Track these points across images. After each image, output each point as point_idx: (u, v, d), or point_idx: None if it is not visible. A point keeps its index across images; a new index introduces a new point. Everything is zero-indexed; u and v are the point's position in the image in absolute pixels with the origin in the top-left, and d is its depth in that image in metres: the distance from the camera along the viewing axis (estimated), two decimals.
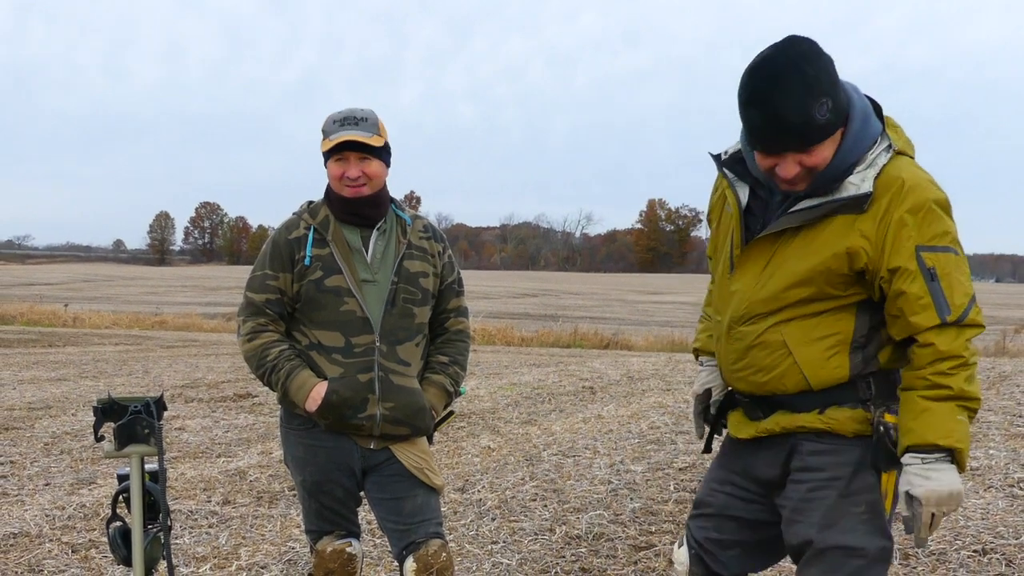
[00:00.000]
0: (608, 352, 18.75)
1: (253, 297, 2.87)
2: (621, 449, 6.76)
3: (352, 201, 2.84)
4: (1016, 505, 4.84)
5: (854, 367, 2.23)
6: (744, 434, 2.42)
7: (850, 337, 2.22)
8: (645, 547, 4.45)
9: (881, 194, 2.12)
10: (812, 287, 2.20)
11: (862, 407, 2.24)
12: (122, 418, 2.58)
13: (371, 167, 2.81)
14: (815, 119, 2.06)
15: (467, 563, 4.26)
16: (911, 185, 2.12)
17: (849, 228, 2.15)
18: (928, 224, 2.11)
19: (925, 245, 2.10)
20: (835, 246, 2.16)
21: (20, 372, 11.99)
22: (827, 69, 2.09)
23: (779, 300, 2.24)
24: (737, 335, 2.32)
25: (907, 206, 2.10)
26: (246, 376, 11.03)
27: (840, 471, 2.24)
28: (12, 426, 7.84)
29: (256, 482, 5.86)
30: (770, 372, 2.27)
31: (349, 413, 2.79)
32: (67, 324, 25.47)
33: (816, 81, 2.06)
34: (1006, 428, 7.06)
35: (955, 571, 3.90)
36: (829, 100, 2.07)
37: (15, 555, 4.42)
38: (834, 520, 2.22)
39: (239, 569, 4.21)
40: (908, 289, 2.10)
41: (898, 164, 2.16)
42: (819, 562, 2.24)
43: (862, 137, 2.16)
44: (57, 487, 5.79)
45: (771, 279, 2.25)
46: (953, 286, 2.10)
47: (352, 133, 2.76)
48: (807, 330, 2.23)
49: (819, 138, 2.09)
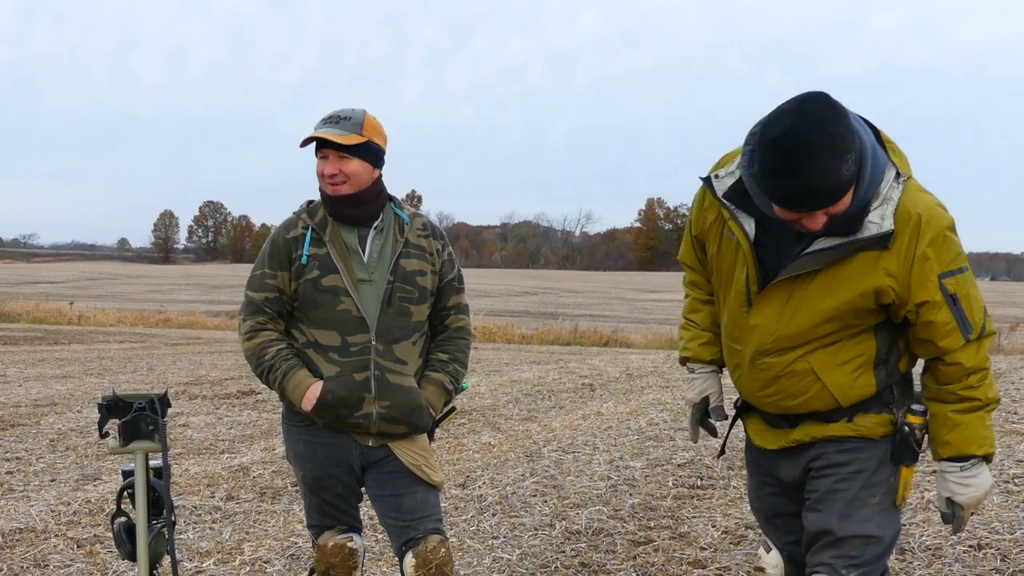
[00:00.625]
0: (607, 350, 18.77)
1: (253, 296, 2.88)
2: (620, 445, 6.76)
3: (333, 199, 2.84)
4: (1011, 501, 4.85)
5: (880, 381, 2.32)
6: (772, 445, 2.48)
7: (873, 356, 2.31)
8: (644, 542, 4.45)
9: (901, 230, 2.15)
10: (839, 323, 2.26)
11: (887, 411, 2.34)
12: (127, 415, 2.58)
13: (349, 166, 2.79)
14: (843, 177, 2.03)
15: (468, 558, 4.26)
16: (927, 219, 2.16)
17: (873, 266, 2.18)
18: (945, 251, 2.18)
19: (945, 272, 2.18)
20: (861, 285, 2.20)
21: (26, 369, 12.00)
22: (846, 124, 2.05)
23: (807, 335, 2.29)
24: (763, 366, 2.36)
25: (927, 240, 2.15)
26: (249, 373, 11.03)
27: (866, 464, 2.33)
28: (18, 423, 7.85)
29: (259, 478, 5.87)
30: (799, 397, 2.34)
31: (345, 412, 2.79)
32: (72, 322, 25.49)
33: (841, 140, 2.02)
34: (1001, 425, 7.06)
35: (951, 566, 3.91)
36: (852, 154, 2.05)
37: (21, 550, 4.43)
38: (853, 511, 2.32)
39: (242, 564, 4.22)
40: (936, 319, 2.19)
41: (911, 196, 2.19)
42: (836, 548, 2.33)
43: (875, 174, 2.16)
44: (62, 483, 5.80)
45: (795, 316, 2.28)
46: (971, 305, 2.20)
47: (325, 131, 2.76)
48: (832, 355, 2.29)
49: (847, 191, 2.08)
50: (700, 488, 5.50)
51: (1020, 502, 4.80)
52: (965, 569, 3.86)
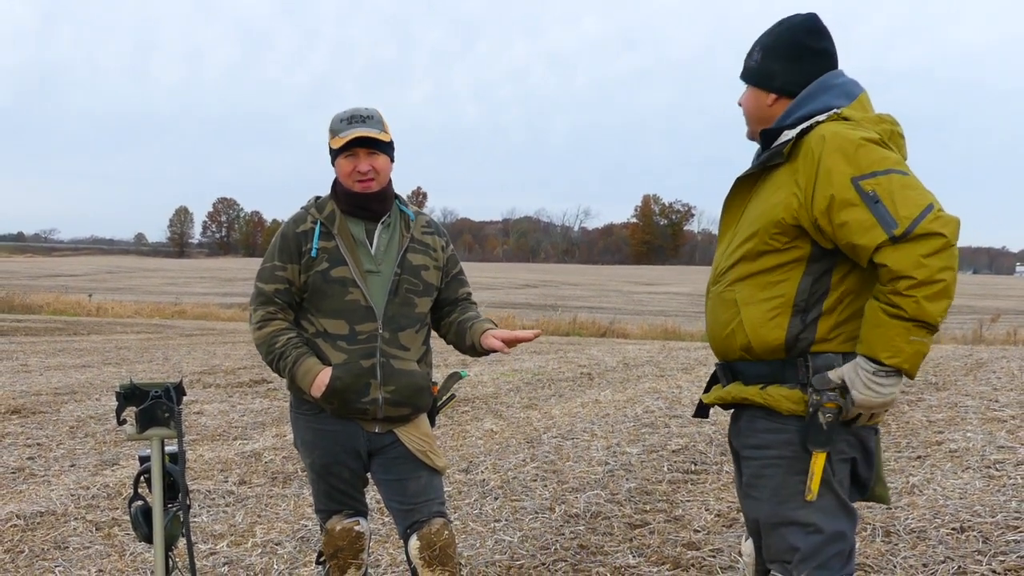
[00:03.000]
0: (605, 340, 18.75)
1: (263, 287, 2.88)
2: (617, 432, 6.76)
3: (361, 196, 2.83)
4: (992, 485, 4.85)
5: (790, 333, 2.18)
6: (708, 399, 2.45)
7: (792, 300, 2.18)
8: (640, 525, 4.45)
9: (812, 146, 2.12)
10: (757, 240, 2.21)
11: (800, 388, 2.18)
12: (143, 403, 2.58)
13: (378, 161, 2.82)
14: (761, 61, 2.32)
15: (471, 540, 4.26)
16: (831, 134, 2.12)
17: (787, 180, 2.18)
18: (861, 157, 2.06)
19: (862, 175, 2.05)
20: (774, 197, 2.19)
21: (46, 359, 12.00)
22: (776, 31, 2.33)
23: (734, 255, 2.28)
24: (710, 296, 2.38)
25: (832, 148, 2.09)
26: (261, 363, 11.03)
27: (785, 450, 2.21)
28: (39, 410, 7.85)
29: (271, 463, 5.87)
30: (724, 328, 2.29)
31: (353, 398, 2.80)
32: (91, 313, 25.50)
33: (780, 41, 2.31)
34: (983, 412, 7.06)
35: (935, 548, 3.90)
36: (759, 52, 2.33)
37: (42, 533, 4.43)
38: (784, 497, 2.22)
39: (254, 546, 4.22)
40: (849, 218, 2.04)
41: (830, 123, 2.17)
42: (775, 538, 2.24)
43: (807, 102, 2.25)
44: (82, 468, 5.80)
45: (735, 237, 2.31)
46: (898, 202, 2.00)
47: (363, 130, 2.76)
48: (755, 289, 2.23)
49: (761, 81, 2.33)
50: (694, 473, 5.50)
51: (1001, 486, 4.80)
52: (948, 551, 3.86)
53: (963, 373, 9.65)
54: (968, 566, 3.67)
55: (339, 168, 2.83)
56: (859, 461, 2.26)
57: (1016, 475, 5.01)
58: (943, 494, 4.71)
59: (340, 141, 2.77)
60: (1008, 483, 4.86)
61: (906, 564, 3.74)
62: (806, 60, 2.28)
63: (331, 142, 2.82)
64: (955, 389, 8.41)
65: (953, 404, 7.51)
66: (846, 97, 2.25)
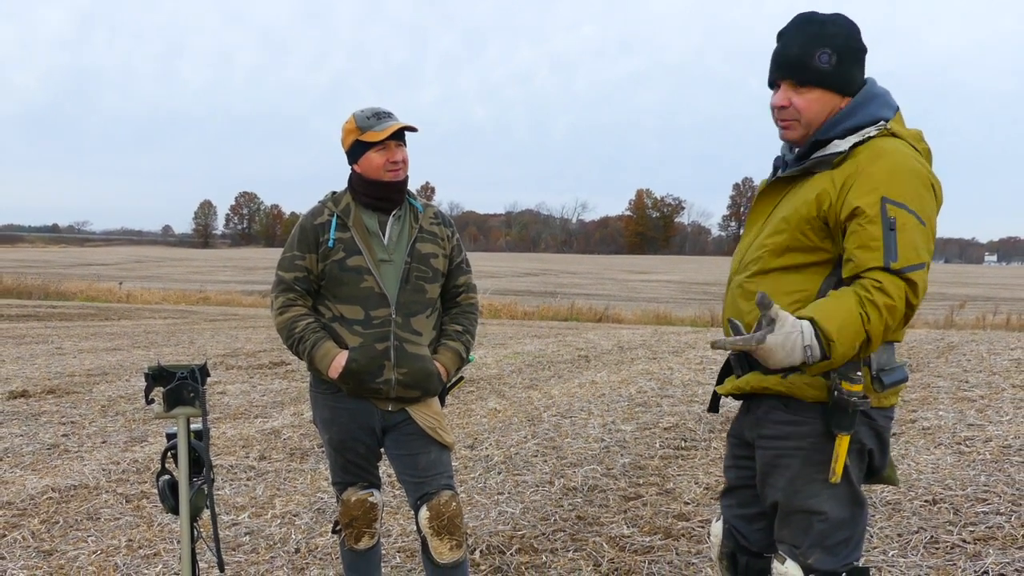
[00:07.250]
0: (601, 325, 18.75)
1: (283, 275, 2.87)
2: (612, 411, 6.76)
3: (389, 185, 2.83)
4: (963, 460, 4.84)
5: None
6: (723, 390, 2.30)
7: (814, 297, 2.05)
8: (634, 497, 4.45)
9: (861, 156, 2.00)
10: (786, 235, 2.09)
11: (821, 375, 2.03)
12: (170, 383, 2.57)
13: (405, 153, 2.85)
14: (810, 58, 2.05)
15: (476, 512, 4.27)
16: (891, 150, 1.99)
17: (826, 179, 2.05)
18: (901, 184, 1.95)
19: (892, 199, 1.93)
20: (810, 194, 2.06)
21: (80, 343, 12.02)
22: (845, 32, 2.07)
23: (762, 247, 2.15)
24: (733, 285, 2.24)
25: (880, 164, 1.97)
26: (280, 346, 11.03)
27: (803, 442, 2.09)
28: (73, 390, 7.87)
29: (289, 440, 5.88)
30: (746, 317, 2.14)
31: (367, 378, 2.79)
32: (121, 300, 25.52)
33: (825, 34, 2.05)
34: (954, 392, 7.05)
35: (908, 519, 3.90)
36: (830, 51, 2.04)
37: (75, 504, 4.45)
38: (799, 486, 2.11)
39: (274, 517, 4.23)
40: (864, 227, 1.94)
41: (889, 140, 2.04)
42: (788, 524, 2.16)
43: (858, 111, 2.07)
44: (112, 444, 5.81)
45: (762, 231, 2.19)
46: (907, 244, 1.91)
47: (399, 122, 2.79)
48: (778, 282, 2.11)
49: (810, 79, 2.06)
50: (684, 449, 5.50)
51: (971, 462, 4.80)
52: (921, 522, 3.85)
53: (935, 356, 9.64)
54: (940, 536, 3.67)
55: (370, 161, 2.80)
56: (875, 452, 2.15)
57: (984, 451, 5.00)
58: (916, 469, 4.71)
59: (380, 135, 2.76)
60: (977, 459, 4.86)
61: (882, 534, 3.74)
62: (863, 63, 2.12)
63: (363, 136, 2.78)
64: (928, 371, 8.40)
65: (926, 385, 7.51)
66: (889, 108, 2.11)
